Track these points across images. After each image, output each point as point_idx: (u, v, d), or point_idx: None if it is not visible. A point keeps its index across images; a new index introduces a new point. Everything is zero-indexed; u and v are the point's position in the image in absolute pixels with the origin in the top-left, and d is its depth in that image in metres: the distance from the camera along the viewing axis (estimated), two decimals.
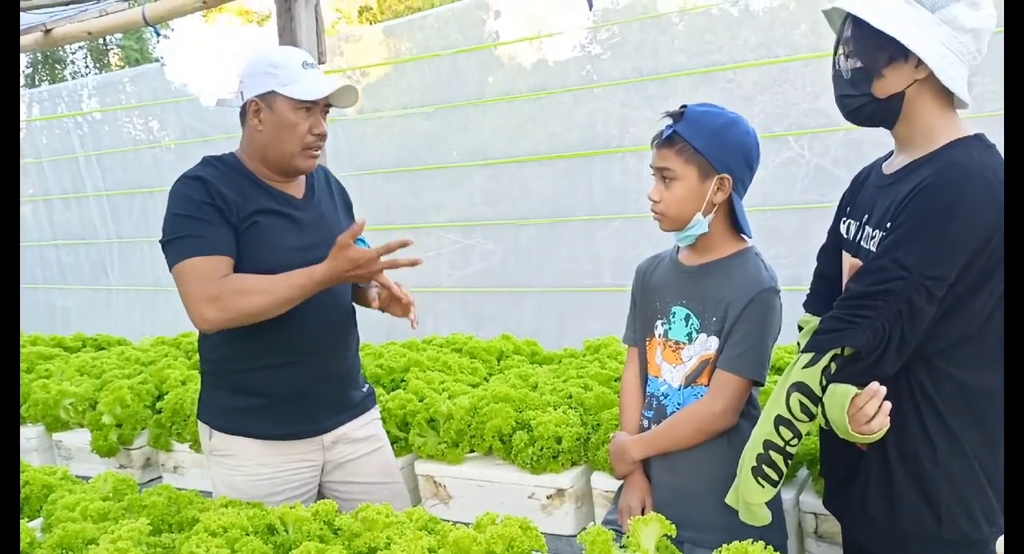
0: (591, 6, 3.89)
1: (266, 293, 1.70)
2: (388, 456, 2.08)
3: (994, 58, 1.50)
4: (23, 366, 3.86)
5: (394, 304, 1.93)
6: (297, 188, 1.93)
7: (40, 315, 6.89)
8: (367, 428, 2.04)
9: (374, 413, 2.10)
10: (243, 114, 1.86)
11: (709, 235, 1.70)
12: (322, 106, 1.85)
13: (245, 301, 1.69)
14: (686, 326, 1.73)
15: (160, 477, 3.16)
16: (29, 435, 3.31)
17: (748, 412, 1.70)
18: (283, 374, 1.87)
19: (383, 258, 1.71)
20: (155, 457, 3.17)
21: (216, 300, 1.69)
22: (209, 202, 1.76)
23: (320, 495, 2.00)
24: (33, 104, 6.88)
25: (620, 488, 1.88)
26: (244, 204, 1.80)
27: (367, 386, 2.11)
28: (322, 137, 1.85)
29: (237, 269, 1.76)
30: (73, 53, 16.90)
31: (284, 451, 1.90)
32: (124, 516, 1.69)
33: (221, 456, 1.92)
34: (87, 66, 17.12)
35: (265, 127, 1.82)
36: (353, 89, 1.87)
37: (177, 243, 1.74)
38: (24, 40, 4.64)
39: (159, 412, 3.07)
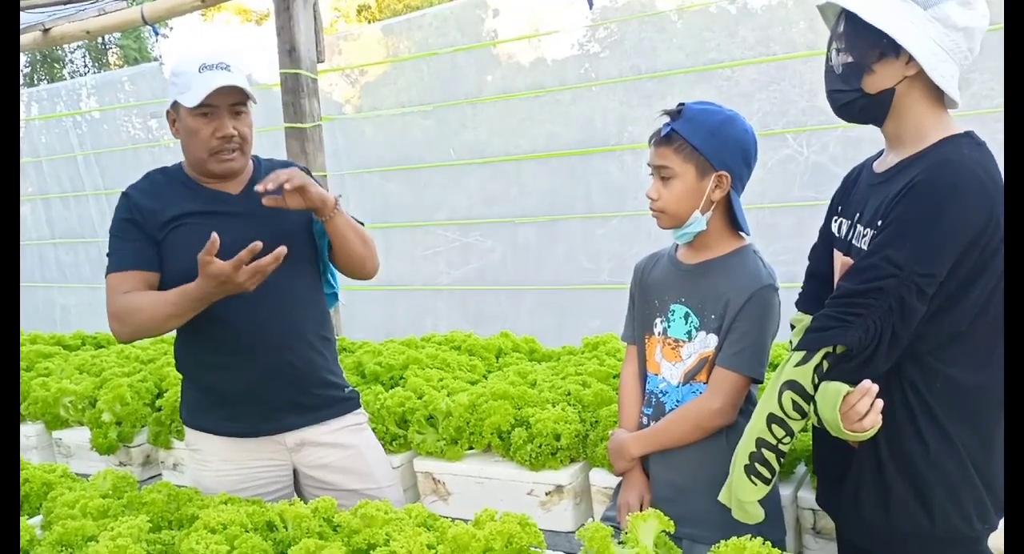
0: (591, 4, 3.90)
1: (146, 311, 1.77)
2: (365, 463, 2.02)
3: (992, 56, 1.50)
4: (23, 364, 3.86)
5: (293, 196, 1.76)
6: (234, 185, 1.93)
7: (39, 314, 6.89)
8: (339, 434, 1.99)
9: (351, 419, 2.04)
10: None
11: (707, 233, 1.70)
12: (227, 107, 1.82)
13: (134, 317, 1.78)
14: (685, 324, 1.74)
15: (160, 474, 3.16)
16: (29, 433, 3.31)
17: (746, 409, 1.70)
18: (232, 371, 1.89)
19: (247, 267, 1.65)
20: (155, 455, 3.17)
21: (116, 315, 1.80)
22: (127, 218, 1.86)
23: (302, 497, 1.99)
24: (32, 103, 6.87)
25: (619, 485, 1.89)
26: (165, 211, 1.85)
27: (347, 389, 2.06)
28: (228, 139, 1.83)
29: (170, 272, 1.83)
30: (72, 52, 16.88)
31: (245, 449, 1.93)
32: (124, 513, 1.70)
33: (192, 450, 1.99)
34: (86, 65, 17.10)
35: (180, 135, 1.88)
36: (241, 86, 1.80)
37: (108, 261, 1.87)
38: (23, 40, 4.64)
39: (159, 410, 3.08)
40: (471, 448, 2.54)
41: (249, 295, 1.74)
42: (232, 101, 1.82)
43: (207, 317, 1.77)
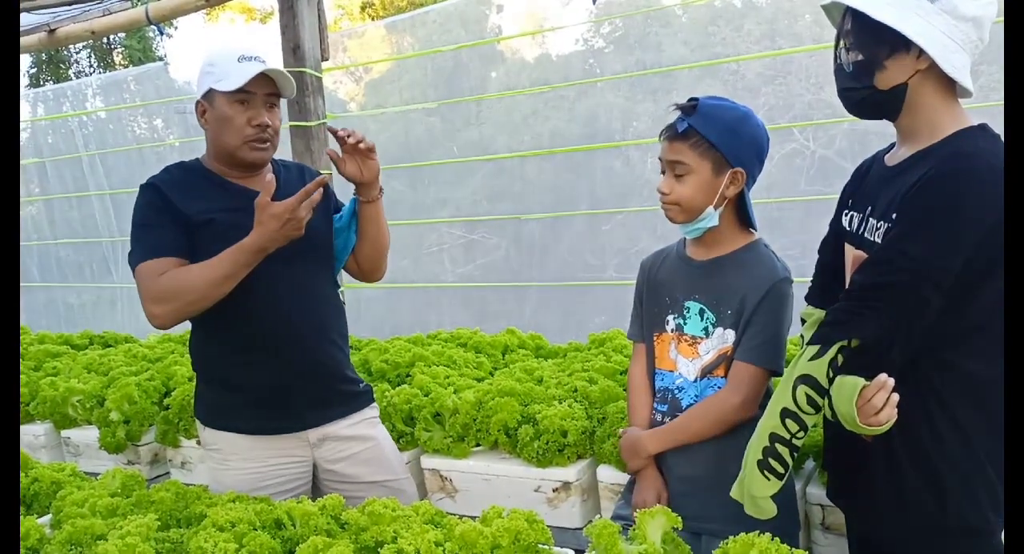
0: (595, 0, 3.88)
1: (196, 281, 1.74)
2: (383, 454, 2.06)
3: (1001, 48, 1.49)
4: (31, 364, 3.87)
5: (353, 157, 1.89)
6: (259, 182, 1.92)
7: (45, 313, 6.92)
8: (358, 427, 2.02)
9: (368, 412, 2.08)
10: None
11: (718, 228, 1.70)
12: (262, 97, 1.84)
13: (183, 294, 1.75)
14: (702, 320, 1.73)
15: (168, 473, 3.17)
16: (37, 432, 3.33)
17: (765, 403, 1.70)
18: (258, 369, 1.90)
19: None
20: (163, 453, 3.18)
21: (160, 297, 1.76)
22: (159, 205, 1.83)
23: (319, 493, 2.01)
24: (37, 104, 6.90)
25: (629, 483, 1.88)
26: (194, 205, 1.84)
27: (362, 384, 2.09)
28: (263, 128, 1.85)
29: None
30: (77, 53, 16.92)
31: (268, 446, 1.93)
32: (132, 512, 1.70)
33: (211, 450, 1.97)
34: (91, 65, 17.13)
35: (210, 125, 1.87)
36: (284, 75, 1.86)
37: (133, 250, 1.83)
38: (28, 40, 4.65)
39: (166, 408, 3.08)
40: (478, 445, 2.54)
41: (278, 293, 1.82)
42: (268, 91, 1.85)
43: (235, 314, 1.79)
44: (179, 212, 1.82)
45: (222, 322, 1.82)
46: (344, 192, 2.13)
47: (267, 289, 1.83)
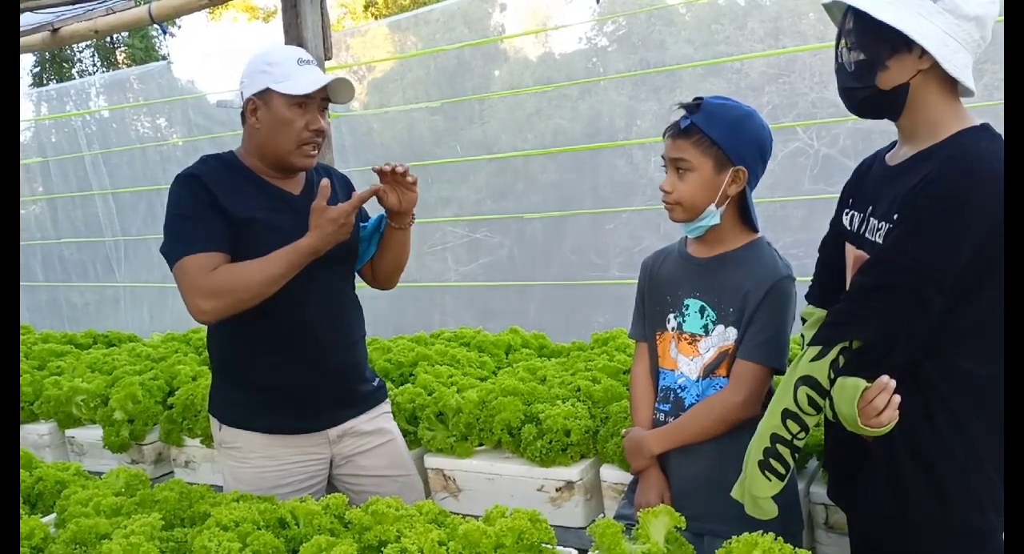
0: (598, 0, 3.89)
1: (253, 275, 1.74)
2: (398, 449, 2.09)
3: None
4: (35, 363, 3.88)
5: (394, 188, 1.91)
6: (295, 184, 1.94)
7: (50, 313, 6.94)
8: (376, 422, 2.04)
9: (384, 407, 2.10)
10: (243, 113, 1.88)
11: (720, 227, 1.70)
12: (319, 101, 1.85)
13: (239, 291, 1.74)
14: (702, 318, 1.73)
15: (172, 472, 3.17)
16: (41, 431, 3.33)
17: (768, 403, 1.70)
18: (284, 370, 1.90)
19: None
20: (167, 452, 3.19)
21: (213, 293, 1.74)
22: (202, 198, 1.80)
23: (331, 488, 2.02)
24: (41, 103, 6.91)
25: (632, 483, 1.88)
26: (236, 202, 1.83)
27: (377, 380, 2.12)
28: (319, 133, 1.86)
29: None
30: (80, 52, 16.95)
31: (289, 444, 1.93)
32: (137, 511, 1.70)
33: (229, 448, 1.97)
34: (94, 64, 17.16)
35: (262, 125, 1.84)
36: (348, 83, 1.87)
37: (174, 244, 1.80)
38: (31, 39, 4.66)
39: (170, 408, 3.09)
40: (481, 444, 2.54)
41: (308, 295, 1.83)
42: (323, 96, 1.86)
43: (264, 314, 1.79)
44: (221, 207, 1.80)
45: (248, 321, 1.80)
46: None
47: (298, 291, 1.83)
